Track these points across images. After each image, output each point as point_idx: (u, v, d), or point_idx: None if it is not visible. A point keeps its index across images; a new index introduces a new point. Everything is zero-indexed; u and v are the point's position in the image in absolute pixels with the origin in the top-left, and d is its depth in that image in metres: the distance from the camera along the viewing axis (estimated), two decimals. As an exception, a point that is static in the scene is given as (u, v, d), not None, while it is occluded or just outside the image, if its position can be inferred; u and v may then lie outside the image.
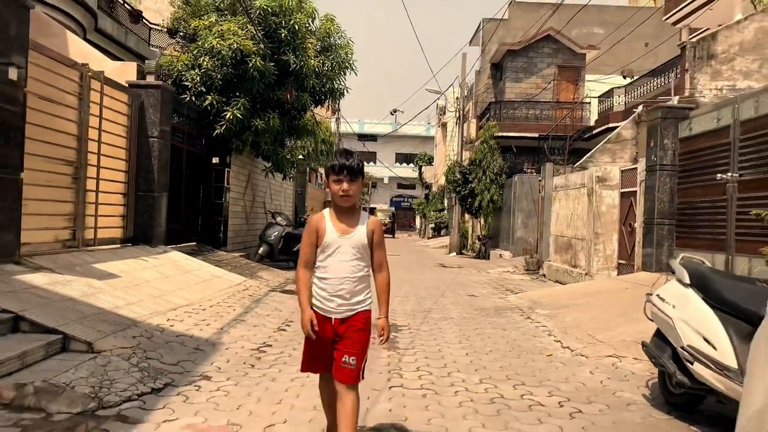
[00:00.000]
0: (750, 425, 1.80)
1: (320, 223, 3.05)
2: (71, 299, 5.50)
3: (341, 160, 3.00)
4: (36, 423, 3.54)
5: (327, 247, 3.02)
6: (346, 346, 2.99)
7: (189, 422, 3.63)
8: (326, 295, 3.01)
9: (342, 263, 3.01)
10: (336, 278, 3.00)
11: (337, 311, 3.01)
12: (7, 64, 5.63)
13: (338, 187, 2.98)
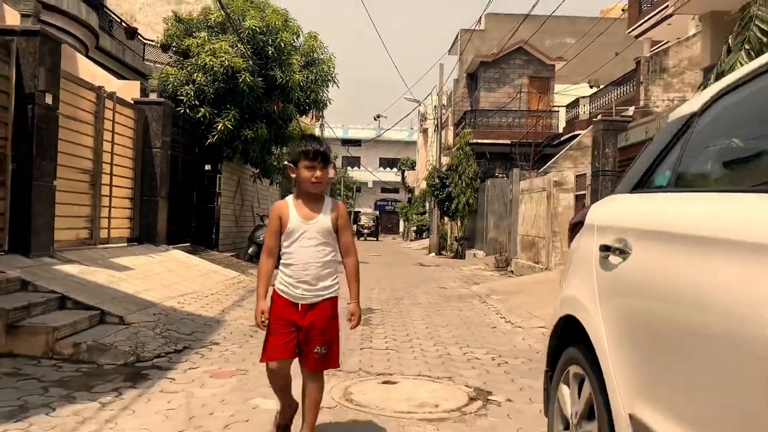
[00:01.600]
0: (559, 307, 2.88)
1: (283, 210, 3.01)
2: (100, 285, 6.67)
3: (315, 145, 2.98)
4: (92, 371, 4.72)
5: (291, 233, 2.97)
6: (317, 336, 2.98)
7: (207, 369, 4.83)
8: (292, 281, 2.97)
9: (306, 249, 2.97)
10: (301, 264, 2.96)
11: (303, 297, 2.98)
12: (44, 91, 6.79)
13: (311, 174, 2.94)
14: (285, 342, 2.95)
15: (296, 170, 2.99)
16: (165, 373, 4.69)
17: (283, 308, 2.98)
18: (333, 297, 3.05)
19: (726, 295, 1.51)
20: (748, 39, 5.43)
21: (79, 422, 3.50)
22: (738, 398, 1.43)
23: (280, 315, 2.98)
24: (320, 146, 2.99)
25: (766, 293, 1.33)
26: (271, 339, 2.98)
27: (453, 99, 30.87)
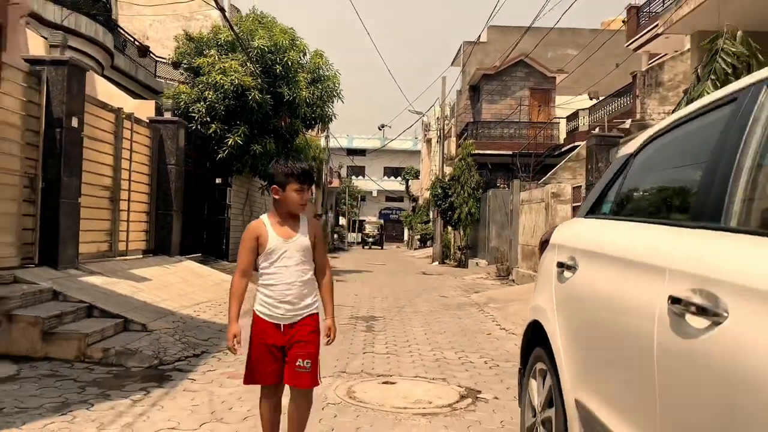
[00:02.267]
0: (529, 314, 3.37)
1: (261, 229, 2.94)
2: (122, 295, 7.20)
3: (303, 166, 2.95)
4: (120, 373, 5.23)
5: (272, 253, 2.92)
6: (300, 349, 2.92)
7: (224, 371, 5.33)
8: (273, 302, 2.93)
9: (288, 269, 2.92)
10: (283, 284, 2.92)
11: (285, 317, 2.93)
12: (71, 115, 7.35)
13: (299, 196, 2.92)
14: (271, 370, 2.94)
15: (281, 192, 2.90)
16: (186, 374, 5.19)
17: (266, 331, 2.94)
18: (314, 313, 3.01)
19: (636, 303, 2.00)
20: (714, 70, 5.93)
21: (116, 416, 4.01)
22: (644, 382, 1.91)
23: (263, 339, 2.93)
24: (306, 165, 2.96)
25: (654, 299, 1.82)
26: (256, 365, 2.96)
27: (456, 110, 31.43)
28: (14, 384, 4.69)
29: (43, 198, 7.12)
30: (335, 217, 50.05)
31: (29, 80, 7.00)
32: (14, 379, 4.85)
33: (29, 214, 7.05)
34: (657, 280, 1.85)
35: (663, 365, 1.76)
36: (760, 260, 1.47)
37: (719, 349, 1.50)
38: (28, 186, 7.03)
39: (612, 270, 2.24)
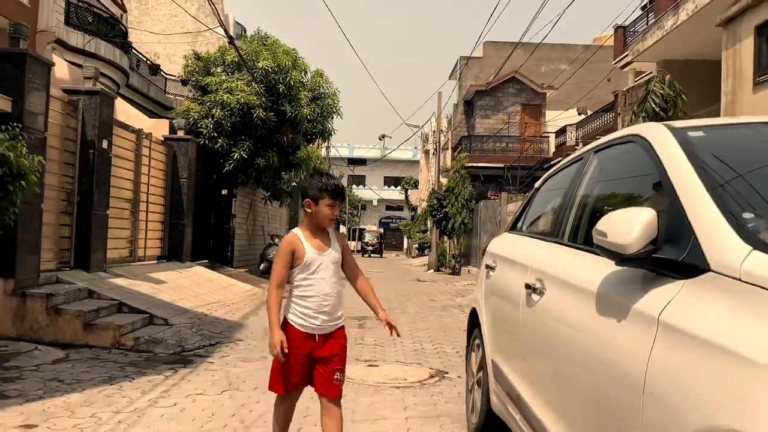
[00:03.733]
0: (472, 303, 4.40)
1: (296, 243, 3.04)
2: (145, 294, 8.27)
3: (336, 183, 3.08)
4: (150, 357, 6.29)
5: (309, 265, 3.02)
6: (336, 364, 3.03)
7: (237, 356, 6.39)
8: (311, 312, 3.00)
9: (324, 280, 3.03)
10: (320, 295, 3.01)
11: (321, 328, 3.02)
12: (102, 137, 8.45)
13: (331, 211, 3.04)
14: (299, 379, 3.03)
15: (314, 206, 3.04)
16: (205, 359, 6.26)
17: (301, 342, 3.00)
18: (343, 324, 3.16)
19: (516, 289, 3.07)
20: (645, 108, 7.01)
21: (154, 385, 5.08)
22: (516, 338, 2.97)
23: (297, 349, 2.99)
24: (339, 182, 3.12)
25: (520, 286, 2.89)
26: (286, 373, 3.01)
27: (453, 123, 32.57)
28: (67, 363, 5.77)
29: (78, 210, 8.20)
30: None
31: (67, 108, 8.11)
32: (65, 360, 5.92)
33: (66, 224, 8.13)
34: (523, 274, 2.93)
35: (522, 326, 2.84)
36: (563, 261, 2.55)
37: (542, 310, 2.58)
38: (65, 200, 8.11)
39: (507, 269, 3.32)
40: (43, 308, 6.60)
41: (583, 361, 2.02)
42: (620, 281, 1.88)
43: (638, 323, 1.68)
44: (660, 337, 1.55)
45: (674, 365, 1.45)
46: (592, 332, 1.98)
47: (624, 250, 1.73)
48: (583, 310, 2.06)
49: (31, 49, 7.16)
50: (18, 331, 6.57)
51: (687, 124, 2.31)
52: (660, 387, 1.48)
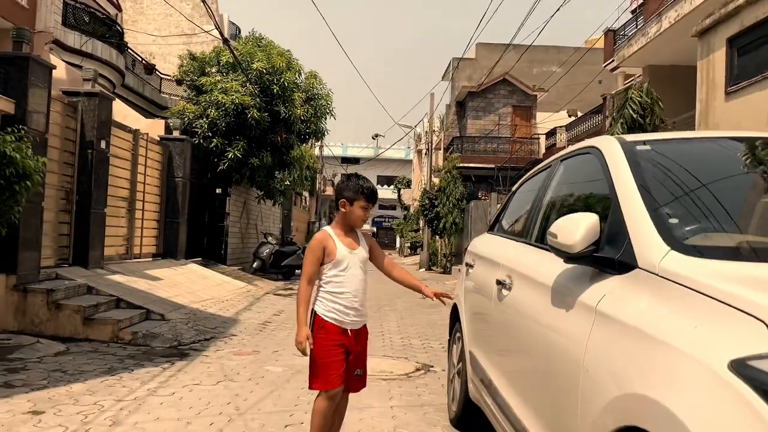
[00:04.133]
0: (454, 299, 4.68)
1: (328, 240, 3.14)
2: (142, 291, 8.51)
3: (372, 187, 3.21)
4: (148, 350, 6.54)
5: (340, 262, 3.11)
6: (359, 359, 3.17)
7: (231, 350, 6.65)
8: (342, 308, 3.09)
9: (355, 277, 3.15)
10: (352, 291, 3.12)
11: (352, 323, 3.12)
12: (100, 138, 8.68)
13: (364, 213, 3.18)
14: (341, 371, 3.07)
15: (348, 207, 3.15)
16: (200, 352, 6.51)
17: (337, 335, 3.07)
18: (366, 321, 3.28)
19: (489, 285, 3.35)
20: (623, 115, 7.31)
21: (152, 376, 5.33)
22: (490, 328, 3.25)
23: (337, 341, 3.06)
24: (373, 186, 3.25)
25: (492, 282, 3.17)
26: (330, 366, 3.04)
27: (445, 123, 32.86)
28: (68, 356, 6.02)
29: (77, 208, 8.43)
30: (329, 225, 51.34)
31: (67, 109, 8.33)
32: (66, 353, 6.17)
33: (65, 221, 8.36)
34: (496, 271, 3.21)
35: (494, 318, 3.12)
36: (528, 259, 2.83)
37: (509, 303, 2.86)
38: (64, 198, 8.34)
39: (484, 266, 3.61)
40: (44, 303, 6.84)
41: (539, 346, 2.31)
42: (569, 277, 2.17)
43: (581, 312, 1.96)
44: (596, 324, 1.83)
45: (603, 346, 1.73)
46: (546, 321, 2.26)
47: (570, 249, 2.01)
48: (540, 302, 2.35)
49: (34, 53, 7.38)
50: (20, 325, 6.81)
51: (637, 138, 2.60)
52: (592, 365, 1.76)
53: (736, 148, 2.63)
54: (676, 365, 1.38)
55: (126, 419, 4.10)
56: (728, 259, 1.67)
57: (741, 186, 2.33)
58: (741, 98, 7.26)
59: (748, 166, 2.48)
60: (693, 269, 1.60)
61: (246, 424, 4.09)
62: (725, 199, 2.17)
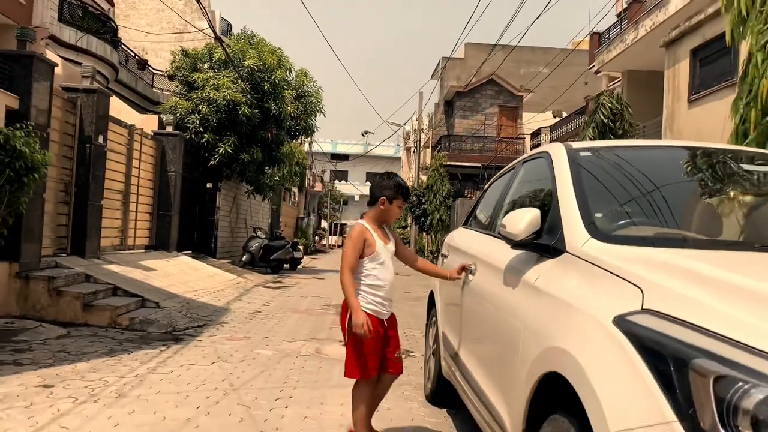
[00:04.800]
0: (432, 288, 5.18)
1: (368, 234, 3.30)
2: (137, 280, 8.87)
3: (407, 186, 3.50)
4: (145, 335, 6.91)
5: (378, 256, 3.28)
6: (395, 343, 3.42)
7: (223, 336, 7.04)
8: (381, 300, 3.28)
9: (390, 270, 3.36)
10: (389, 284, 3.34)
11: (386, 313, 3.37)
12: (98, 133, 9.02)
13: (400, 212, 3.46)
14: (378, 361, 3.31)
15: (387, 204, 3.37)
16: (194, 337, 6.90)
17: (377, 327, 3.26)
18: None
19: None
20: (595, 119, 7.78)
21: (150, 357, 5.72)
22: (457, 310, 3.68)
23: (377, 333, 3.25)
24: (408, 186, 3.53)
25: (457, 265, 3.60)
26: (370, 357, 3.25)
27: (434, 122, 33.32)
28: (70, 339, 6.39)
29: (75, 200, 8.77)
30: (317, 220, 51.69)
31: (66, 105, 8.66)
32: (68, 336, 6.53)
33: (63, 213, 8.70)
34: (465, 259, 3.64)
35: (461, 300, 3.56)
36: (489, 248, 3.26)
37: (472, 285, 3.29)
38: (63, 191, 8.68)
39: (456, 256, 4.04)
40: (45, 290, 7.20)
41: (492, 319, 2.74)
42: (517, 260, 2.60)
43: (523, 288, 2.39)
44: (533, 297, 2.26)
45: (536, 313, 2.17)
46: (498, 298, 2.69)
47: (515, 237, 2.44)
48: (495, 282, 2.78)
49: (38, 52, 7.71)
50: (22, 310, 7.16)
51: (583, 145, 3.04)
52: (528, 329, 2.19)
53: (668, 155, 3.08)
54: (580, 323, 1.81)
55: (130, 392, 4.49)
56: (634, 245, 2.10)
57: (667, 187, 2.76)
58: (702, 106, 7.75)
59: (676, 171, 2.92)
60: (602, 252, 2.03)
61: (240, 398, 4.50)
62: (652, 198, 2.60)
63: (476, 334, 3.15)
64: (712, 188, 2.75)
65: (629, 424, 1.42)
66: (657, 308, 1.57)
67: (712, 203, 2.67)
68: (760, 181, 2.75)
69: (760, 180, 2.75)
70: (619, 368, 1.53)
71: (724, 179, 2.77)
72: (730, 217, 2.59)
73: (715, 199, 2.68)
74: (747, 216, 2.54)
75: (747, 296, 1.52)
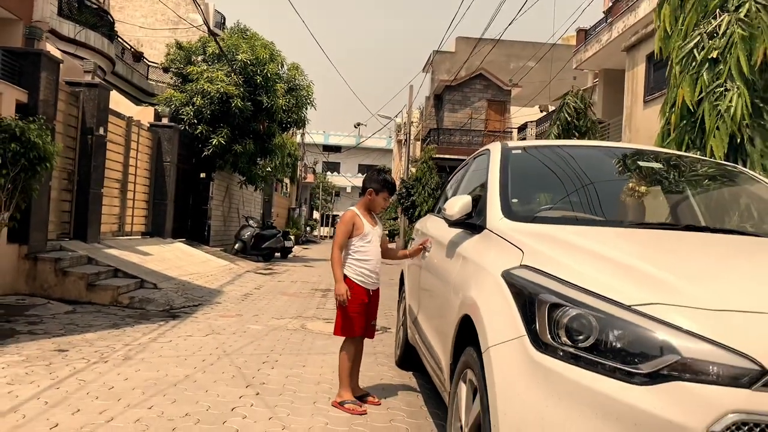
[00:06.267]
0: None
1: (356, 218, 3.99)
2: (135, 263, 9.48)
3: (393, 181, 4.15)
4: (142, 313, 7.53)
5: (366, 236, 3.96)
6: (373, 312, 4.13)
7: (216, 314, 7.67)
8: (367, 272, 3.97)
9: (376, 248, 4.03)
10: (374, 259, 4.01)
11: (373, 285, 4.04)
12: (99, 125, 9.58)
13: (385, 203, 4.10)
14: (363, 323, 4.02)
15: (374, 195, 4.05)
16: (190, 315, 7.52)
17: (362, 294, 3.97)
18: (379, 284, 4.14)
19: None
20: (560, 118, 8.42)
21: (151, 330, 6.34)
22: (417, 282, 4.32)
23: (363, 300, 3.98)
24: (394, 181, 4.19)
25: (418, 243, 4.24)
26: (355, 320, 3.96)
27: (425, 115, 33.90)
28: (77, 315, 7.00)
29: (77, 188, 9.35)
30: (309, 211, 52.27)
31: (70, 98, 9.22)
32: (74, 312, 7.14)
33: (66, 200, 9.27)
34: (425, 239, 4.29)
35: (420, 274, 4.20)
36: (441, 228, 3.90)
37: (427, 260, 3.93)
38: (66, 179, 9.25)
39: (420, 238, 4.68)
40: (52, 270, 7.79)
41: (436, 283, 3.38)
42: (454, 236, 3.24)
43: (456, 258, 3.03)
44: (460, 262, 2.90)
45: (460, 274, 2.80)
46: (440, 266, 3.34)
47: (451, 218, 3.08)
48: (439, 254, 3.42)
49: (45, 49, 8.26)
50: (30, 289, 7.76)
51: (515, 144, 3.67)
52: (455, 286, 2.83)
53: (584, 153, 3.72)
54: (483, 277, 2.45)
55: (135, 356, 5.12)
56: (532, 222, 2.74)
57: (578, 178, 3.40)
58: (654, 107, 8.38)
59: (589, 166, 3.56)
60: (508, 227, 2.67)
61: (231, 361, 5.14)
62: (564, 187, 3.24)
63: (427, 300, 3.80)
64: (614, 180, 3.40)
65: (500, 339, 2.06)
66: (530, 264, 2.21)
67: (613, 192, 3.32)
68: (651, 174, 3.40)
69: (651, 173, 3.40)
70: (500, 305, 2.17)
71: (625, 173, 3.42)
72: (625, 203, 3.23)
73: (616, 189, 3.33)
74: (635, 201, 3.19)
75: (587, 254, 2.17)
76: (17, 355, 4.89)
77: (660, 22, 4.63)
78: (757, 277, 2.01)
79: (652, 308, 1.75)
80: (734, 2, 4.34)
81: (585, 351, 1.78)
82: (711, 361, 1.61)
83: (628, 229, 2.70)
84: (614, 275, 1.97)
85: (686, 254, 2.32)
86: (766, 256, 2.36)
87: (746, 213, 3.10)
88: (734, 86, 4.13)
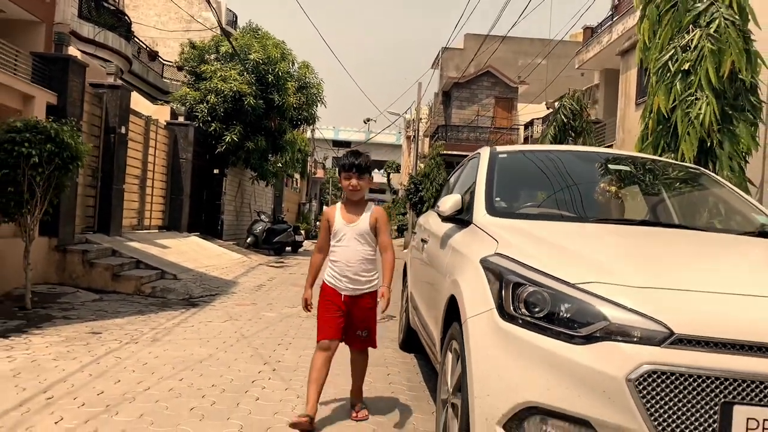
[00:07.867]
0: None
1: (331, 214, 3.53)
2: (155, 255, 10.02)
3: (350, 159, 3.48)
4: (165, 301, 8.06)
5: (335, 234, 3.48)
6: (359, 323, 3.54)
7: (233, 302, 8.19)
8: (336, 274, 3.48)
9: (347, 248, 3.45)
10: (343, 261, 3.45)
11: (346, 289, 3.46)
12: (121, 124, 10.12)
13: (348, 182, 3.47)
14: (335, 324, 3.44)
15: (342, 182, 3.54)
16: (209, 303, 8.05)
17: (331, 296, 3.49)
18: (372, 291, 3.54)
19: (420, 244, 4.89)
20: (556, 119, 8.85)
21: (173, 317, 6.87)
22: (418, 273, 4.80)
23: (329, 301, 3.48)
24: (357, 158, 3.48)
25: (420, 241, 4.72)
26: (324, 319, 3.47)
27: (433, 111, 34.32)
28: (104, 302, 7.54)
29: (101, 184, 9.89)
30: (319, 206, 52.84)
31: (94, 99, 9.76)
32: (101, 300, 7.68)
33: (91, 195, 9.82)
34: (424, 234, 4.76)
35: (420, 264, 4.68)
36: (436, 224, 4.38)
37: (426, 252, 4.41)
38: (91, 176, 9.80)
39: (420, 233, 5.16)
40: (80, 261, 8.34)
41: (432, 271, 3.86)
42: (447, 230, 3.71)
43: (447, 248, 3.51)
44: (450, 252, 3.38)
45: (450, 261, 3.28)
46: (435, 256, 3.81)
47: (443, 214, 3.55)
48: (435, 246, 3.90)
49: (73, 55, 8.79)
50: (60, 279, 8.31)
51: (504, 148, 4.14)
52: (446, 271, 3.31)
53: (566, 157, 4.17)
54: (466, 263, 2.92)
55: (162, 338, 5.65)
56: (509, 218, 3.21)
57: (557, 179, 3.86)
58: (645, 109, 8.79)
59: (569, 169, 4.02)
60: (489, 222, 3.14)
61: (249, 343, 5.65)
62: (542, 187, 3.71)
63: (425, 286, 4.28)
64: (591, 181, 3.86)
65: (475, 312, 2.53)
66: (502, 252, 2.68)
67: (588, 192, 3.78)
68: (621, 176, 3.86)
69: (622, 176, 3.86)
70: (477, 285, 2.64)
71: (602, 174, 3.88)
72: (597, 201, 3.70)
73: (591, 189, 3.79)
74: (606, 200, 3.65)
75: (547, 245, 2.64)
76: (57, 336, 5.43)
77: (641, 35, 5.06)
78: (682, 262, 2.48)
79: (591, 286, 2.22)
80: (706, 18, 4.76)
81: (539, 320, 2.25)
82: (632, 325, 2.08)
83: (591, 224, 3.17)
84: (565, 260, 2.44)
85: (629, 243, 2.79)
86: (698, 245, 2.82)
87: (702, 210, 3.55)
88: (704, 95, 4.55)
